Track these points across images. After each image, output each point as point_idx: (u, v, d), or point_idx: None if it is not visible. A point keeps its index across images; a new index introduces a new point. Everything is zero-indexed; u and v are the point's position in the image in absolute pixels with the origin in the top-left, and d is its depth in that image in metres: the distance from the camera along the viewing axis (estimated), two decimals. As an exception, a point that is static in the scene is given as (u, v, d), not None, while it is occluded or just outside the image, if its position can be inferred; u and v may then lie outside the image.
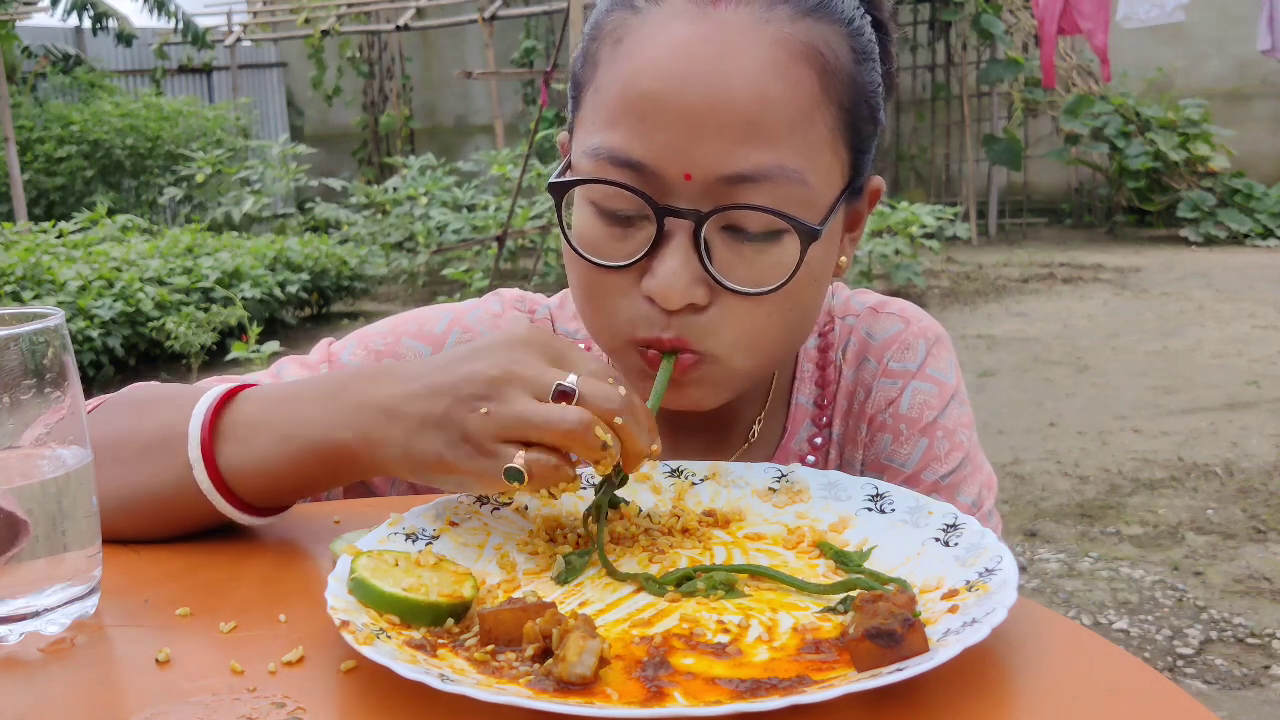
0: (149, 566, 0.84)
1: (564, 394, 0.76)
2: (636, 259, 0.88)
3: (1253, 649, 3.00)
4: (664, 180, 0.86)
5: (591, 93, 0.91)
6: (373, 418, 0.81)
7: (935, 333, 1.08)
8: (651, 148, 0.85)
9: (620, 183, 0.86)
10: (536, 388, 0.76)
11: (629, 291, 0.89)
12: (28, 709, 0.63)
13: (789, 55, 0.86)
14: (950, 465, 1.04)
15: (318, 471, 0.84)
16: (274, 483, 0.85)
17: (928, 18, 11.85)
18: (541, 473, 0.75)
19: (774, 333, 0.91)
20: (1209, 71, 11.36)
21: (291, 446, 0.83)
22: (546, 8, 11.78)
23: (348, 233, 10.01)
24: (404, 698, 0.61)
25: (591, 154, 0.88)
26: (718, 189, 0.85)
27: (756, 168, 0.85)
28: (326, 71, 13.92)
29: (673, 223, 0.86)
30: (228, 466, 0.85)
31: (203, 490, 0.84)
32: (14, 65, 11.81)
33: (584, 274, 0.92)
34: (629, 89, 0.86)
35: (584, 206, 0.91)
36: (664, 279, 0.86)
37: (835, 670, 0.63)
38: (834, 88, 0.88)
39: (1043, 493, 4.26)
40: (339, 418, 0.82)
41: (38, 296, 6.59)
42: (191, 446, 0.84)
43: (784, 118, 0.85)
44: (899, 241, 8.01)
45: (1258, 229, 10.19)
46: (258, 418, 0.85)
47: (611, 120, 0.87)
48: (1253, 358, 6.12)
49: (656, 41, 0.86)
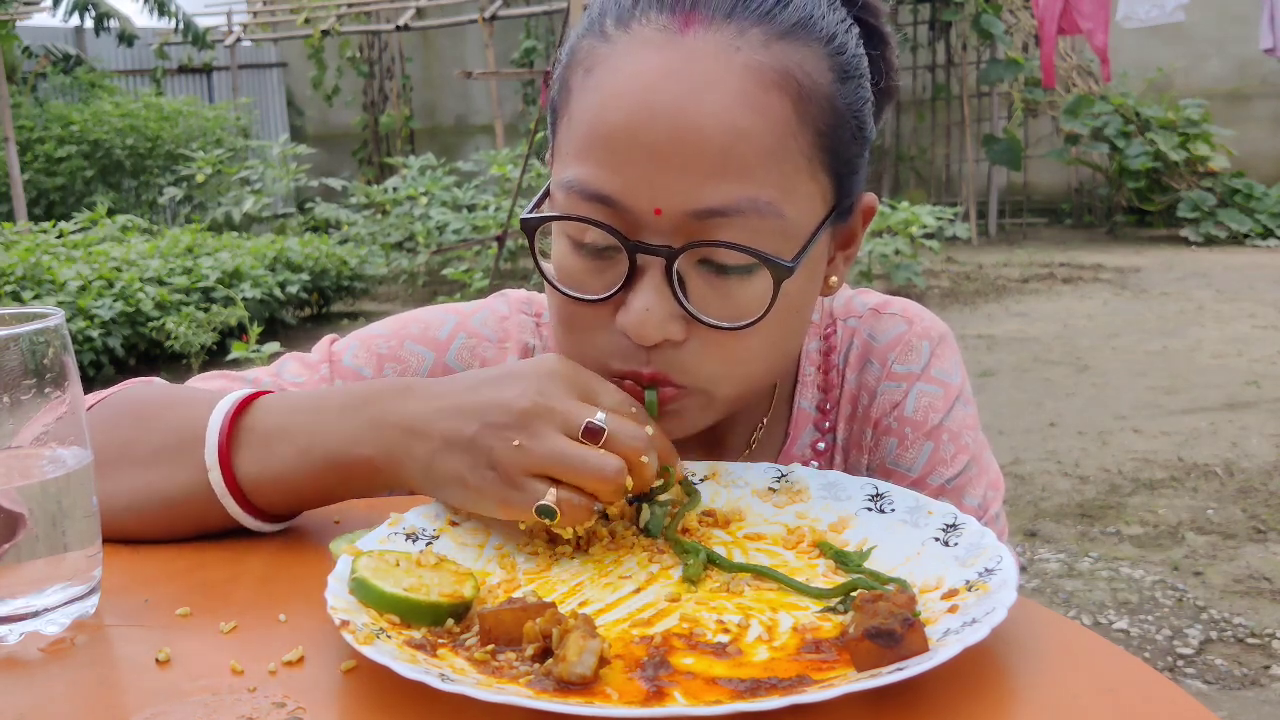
0: (149, 566, 0.84)
1: (592, 431, 0.78)
2: (612, 293, 0.85)
3: (1253, 649, 3.00)
4: (635, 215, 0.83)
5: (565, 122, 0.89)
6: (396, 435, 0.81)
7: (939, 332, 1.08)
8: (620, 182, 0.83)
9: (590, 219, 0.84)
10: (567, 424, 0.78)
11: (606, 324, 0.87)
12: (28, 709, 0.63)
13: (760, 84, 0.83)
14: (956, 468, 1.03)
15: (335, 484, 0.85)
16: (291, 493, 0.86)
17: (928, 18, 11.85)
18: (572, 512, 0.77)
19: (756, 363, 0.90)
20: (1209, 71, 11.35)
21: (311, 459, 0.84)
22: (546, 8, 11.78)
23: (348, 233, 10.01)
24: (404, 698, 0.61)
25: (565, 187, 0.86)
26: (689, 224, 0.83)
27: (726, 202, 0.82)
28: (326, 71, 13.92)
29: (645, 259, 0.84)
30: (245, 474, 0.85)
31: (218, 496, 0.85)
32: (14, 65, 11.81)
33: (561, 306, 0.90)
34: (598, 122, 0.84)
35: (561, 239, 0.89)
36: (637, 315, 0.84)
37: (835, 670, 0.63)
38: (810, 113, 0.85)
39: (1043, 493, 4.26)
40: (361, 433, 0.83)
41: (38, 296, 6.59)
42: (209, 452, 0.84)
43: (755, 149, 0.82)
44: (899, 241, 8.02)
45: (1258, 229, 10.19)
46: (277, 427, 0.85)
47: (582, 153, 0.85)
48: (1253, 358, 6.12)
49: (625, 73, 0.84)
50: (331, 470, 0.84)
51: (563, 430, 0.78)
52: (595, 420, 0.78)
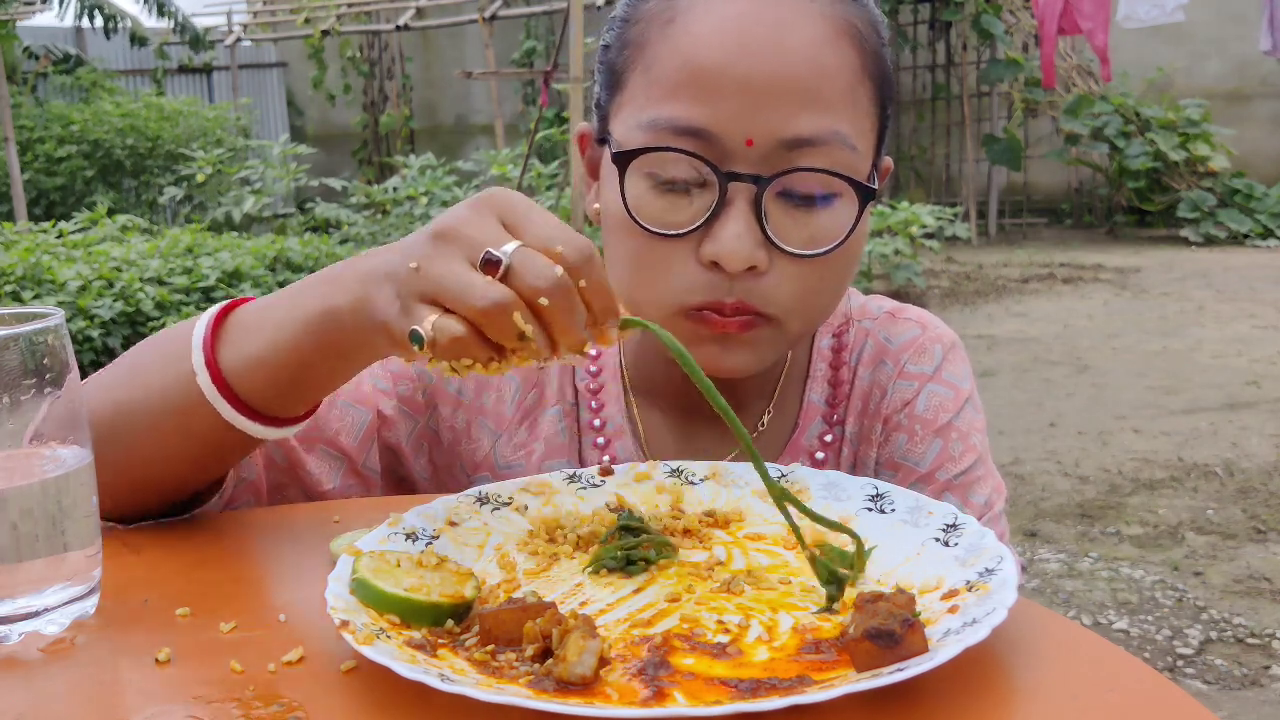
0: (149, 566, 0.84)
1: (489, 262, 0.70)
2: (697, 225, 0.91)
3: (1253, 649, 3.00)
4: (725, 147, 0.89)
5: (640, 72, 0.94)
6: (354, 281, 0.78)
7: (951, 339, 1.11)
8: (715, 115, 0.89)
9: (686, 150, 0.89)
10: (472, 250, 0.71)
11: (685, 259, 0.92)
12: (28, 709, 0.63)
13: (836, 30, 0.91)
14: (963, 466, 1.05)
15: (312, 351, 0.81)
16: (273, 372, 0.83)
17: (928, 18, 11.84)
18: (444, 342, 0.69)
19: (825, 296, 0.96)
20: (1209, 71, 11.35)
21: (286, 331, 0.82)
22: (546, 8, 11.78)
23: (348, 233, 10.00)
24: (404, 698, 0.61)
25: (649, 126, 0.91)
26: (777, 154, 0.89)
27: (815, 132, 0.89)
28: (327, 71, 13.92)
29: (734, 188, 0.90)
30: (228, 366, 0.84)
31: (209, 400, 0.83)
32: (14, 65, 11.80)
33: (637, 246, 0.94)
34: (690, 61, 0.90)
35: (638, 179, 0.92)
36: (728, 243, 0.89)
37: (835, 670, 0.63)
38: (870, 65, 0.94)
39: (1043, 493, 4.26)
40: (327, 289, 0.81)
41: (38, 296, 6.59)
42: (195, 353, 0.84)
43: (837, 87, 0.90)
44: (899, 241, 8.01)
45: (1258, 229, 10.19)
46: (254, 317, 0.85)
47: (670, 92, 0.90)
48: (1253, 358, 6.12)
49: (712, 16, 0.90)
50: (305, 333, 0.81)
51: (466, 257, 0.71)
52: (495, 251, 0.70)
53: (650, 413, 1.09)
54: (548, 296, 0.69)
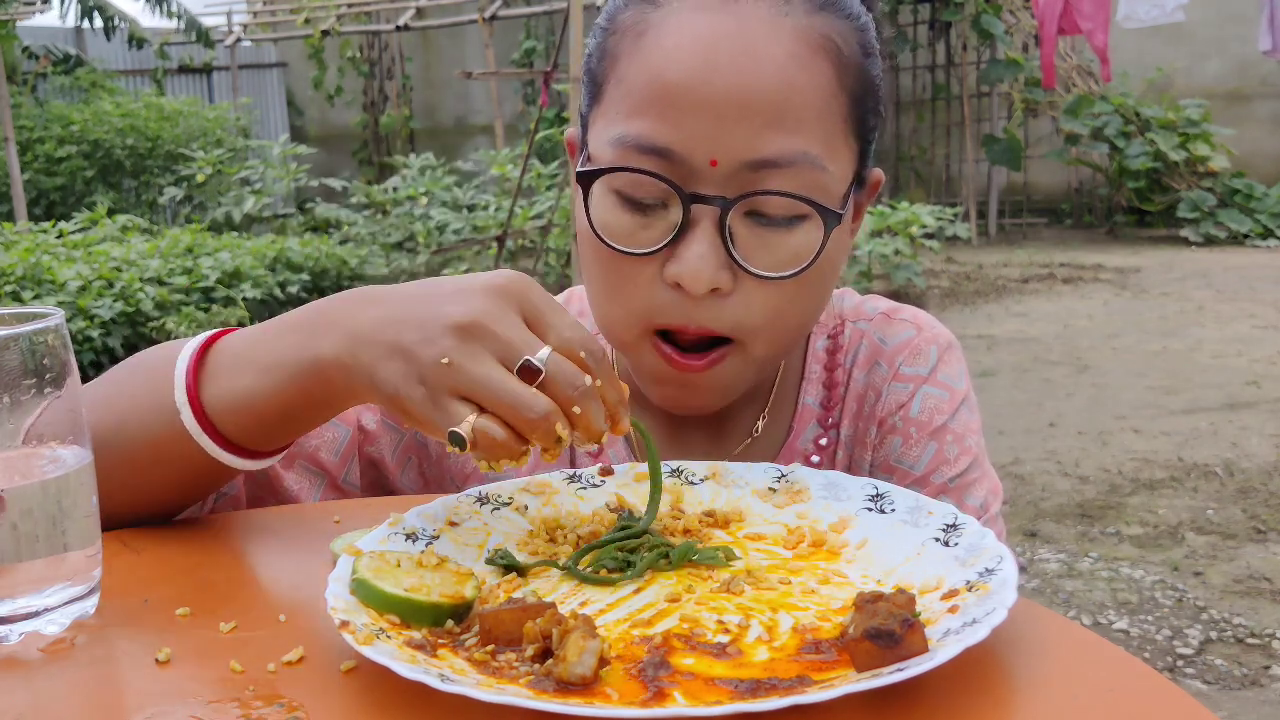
0: (149, 566, 0.84)
1: (528, 370, 0.73)
2: (661, 245, 0.89)
3: (1253, 649, 3.00)
4: (690, 167, 0.87)
5: (613, 85, 0.92)
6: (346, 341, 0.79)
7: (946, 340, 1.10)
8: (678, 134, 0.87)
9: (647, 170, 0.88)
10: (504, 353, 0.73)
11: (651, 279, 0.91)
12: (28, 709, 0.63)
13: (808, 47, 0.88)
14: (959, 468, 1.04)
15: (296, 398, 0.82)
16: (257, 415, 0.83)
17: (928, 18, 11.84)
18: (487, 444, 0.72)
19: (794, 317, 0.94)
20: (1209, 71, 11.35)
21: (272, 376, 0.82)
22: (546, 8, 11.77)
23: (348, 233, 10.01)
24: (404, 698, 0.61)
25: (616, 143, 0.89)
26: (742, 175, 0.87)
27: (781, 153, 0.87)
28: (327, 71, 13.91)
29: (698, 209, 0.88)
30: (211, 405, 0.84)
31: (193, 436, 0.84)
32: (14, 65, 11.80)
33: (605, 263, 0.92)
34: (656, 78, 0.88)
35: (606, 195, 0.91)
36: (690, 264, 0.87)
37: (835, 670, 0.63)
38: (847, 79, 0.91)
39: (1043, 493, 4.26)
40: (315, 342, 0.80)
41: (38, 296, 6.59)
42: (178, 390, 0.84)
43: (806, 105, 0.88)
44: (899, 241, 8.01)
45: (1258, 229, 10.19)
46: (239, 354, 0.85)
47: (637, 109, 0.89)
48: (1253, 358, 6.12)
49: (681, 33, 0.88)
50: (291, 383, 0.81)
51: (498, 357, 0.73)
52: (534, 360, 0.73)
53: (641, 417, 1.09)
54: (580, 405, 0.73)
